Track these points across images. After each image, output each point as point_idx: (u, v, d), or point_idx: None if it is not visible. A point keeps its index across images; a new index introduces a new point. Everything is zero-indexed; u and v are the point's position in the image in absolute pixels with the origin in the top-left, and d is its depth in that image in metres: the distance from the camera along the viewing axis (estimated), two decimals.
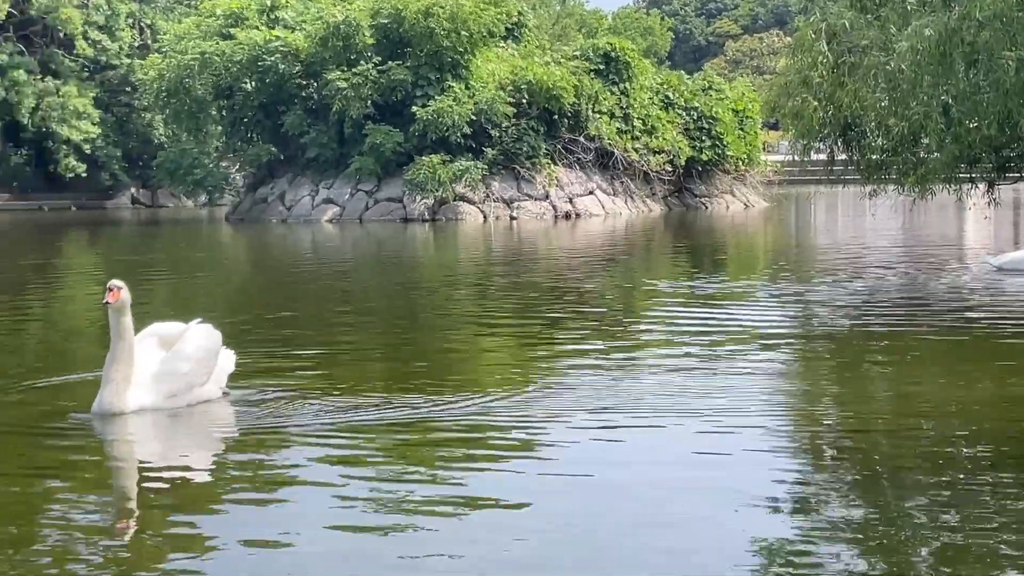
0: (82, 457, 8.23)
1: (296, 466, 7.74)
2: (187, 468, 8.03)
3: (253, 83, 50.55)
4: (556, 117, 48.68)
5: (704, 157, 53.45)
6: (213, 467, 8.05)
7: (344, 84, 46.98)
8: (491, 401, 9.52)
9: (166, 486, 7.50)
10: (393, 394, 9.95)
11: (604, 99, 50.26)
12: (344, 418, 9.03)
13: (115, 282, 9.17)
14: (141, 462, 8.35)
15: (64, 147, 72.06)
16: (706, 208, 53.30)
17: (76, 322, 16.16)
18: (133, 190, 77.94)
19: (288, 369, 11.38)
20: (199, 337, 9.56)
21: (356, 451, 8.17)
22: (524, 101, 48.00)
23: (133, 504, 7.12)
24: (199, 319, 9.86)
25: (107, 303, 9.03)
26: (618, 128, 50.57)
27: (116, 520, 6.67)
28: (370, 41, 48.10)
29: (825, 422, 9.03)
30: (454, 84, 47.39)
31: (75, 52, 73.15)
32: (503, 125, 47.41)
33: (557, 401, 9.50)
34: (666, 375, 10.62)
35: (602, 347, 12.46)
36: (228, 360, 9.96)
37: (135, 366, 9.14)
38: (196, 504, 6.97)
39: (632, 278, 22.38)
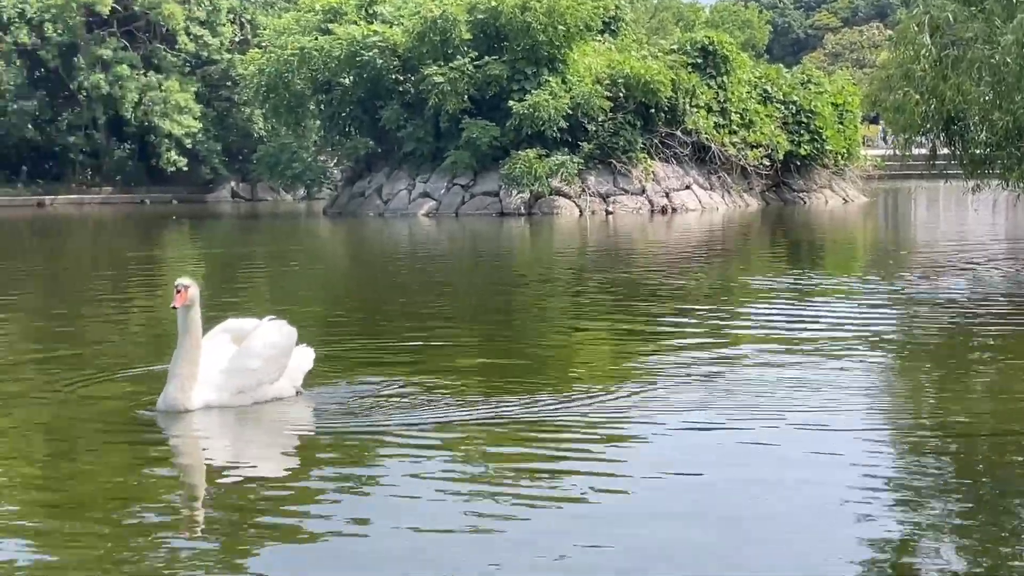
0: (146, 454, 8.14)
1: (372, 464, 7.64)
2: (256, 466, 7.90)
3: (351, 78, 50.88)
4: (653, 111, 48.43)
5: (802, 151, 52.89)
6: (282, 465, 7.92)
7: (441, 79, 47.13)
8: (586, 398, 9.43)
9: (232, 483, 7.37)
10: (484, 391, 9.86)
11: (701, 93, 49.91)
12: (430, 416, 8.90)
13: (182, 281, 8.95)
14: (206, 459, 8.25)
15: (166, 141, 73.04)
16: (804, 203, 52.74)
17: (164, 314, 16.35)
18: (233, 184, 78.81)
19: (378, 364, 11.36)
20: (270, 333, 9.31)
21: (439, 449, 8.02)
22: (621, 95, 47.82)
23: (198, 503, 7.02)
24: (271, 316, 9.65)
25: (174, 307, 8.84)
26: (715, 122, 50.21)
27: (180, 519, 6.60)
28: (467, 36, 48.20)
29: (926, 421, 8.87)
30: (550, 78, 47.35)
31: (177, 47, 74.12)
32: (599, 119, 47.28)
33: (653, 399, 9.40)
34: (764, 372, 10.51)
35: (699, 344, 12.34)
36: (305, 358, 9.70)
37: (204, 362, 8.93)
38: (267, 502, 6.88)
39: (729, 274, 22.20)
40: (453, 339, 13.56)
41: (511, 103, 46.70)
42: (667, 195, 48.49)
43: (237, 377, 9.04)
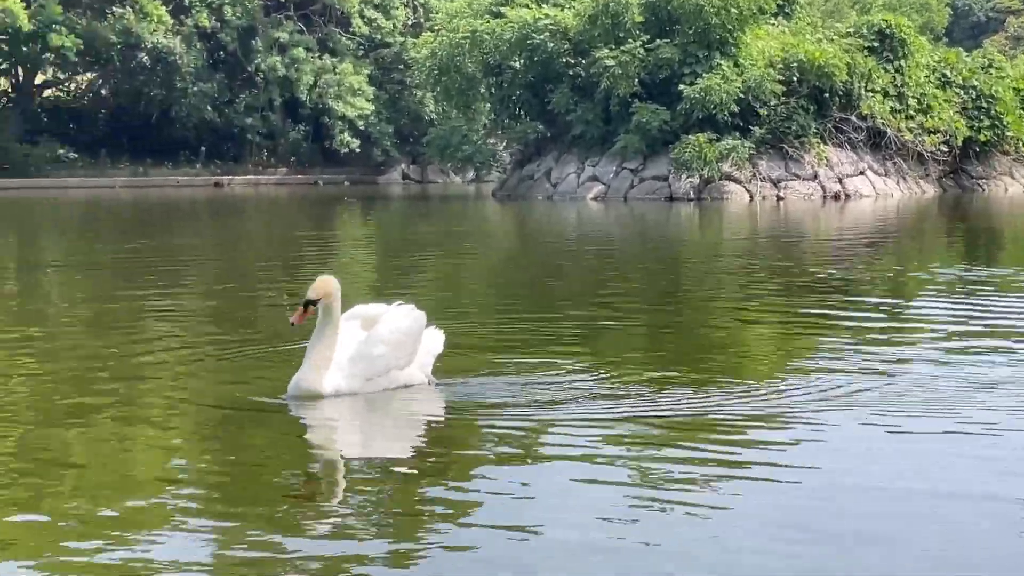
0: (275, 438, 8.05)
1: (518, 463, 7.34)
2: (388, 454, 7.72)
3: (522, 61, 51.01)
4: (827, 95, 47.62)
5: (982, 137, 51.51)
6: (413, 454, 7.71)
7: (612, 62, 46.97)
8: (755, 395, 9.13)
9: (367, 475, 7.20)
10: (644, 383, 9.55)
11: (877, 77, 48.91)
12: (585, 410, 8.58)
13: (312, 296, 8.58)
14: (339, 447, 8.09)
15: (339, 123, 74.23)
16: (983, 190, 51.37)
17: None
18: (403, 166, 79.74)
19: (535, 348, 11.23)
20: (397, 318, 9.05)
21: (581, 443, 7.67)
22: (794, 79, 47.13)
23: (336, 490, 6.85)
24: (399, 302, 9.38)
25: (293, 324, 8.66)
26: (891, 107, 49.17)
27: (319, 510, 6.41)
28: (639, 19, 47.95)
29: None
30: (722, 62, 46.85)
31: (351, 30, 75.20)
32: (772, 103, 46.66)
33: (824, 397, 9.05)
34: (933, 369, 10.16)
35: (872, 338, 12.00)
36: (434, 341, 9.43)
37: (336, 349, 8.77)
38: (400, 491, 6.74)
39: (904, 264, 21.66)
40: (615, 326, 13.35)
41: (682, 87, 46.35)
42: (840, 181, 47.66)
43: (365, 363, 8.84)
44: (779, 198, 45.87)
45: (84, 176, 68.65)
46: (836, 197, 46.54)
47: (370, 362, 8.84)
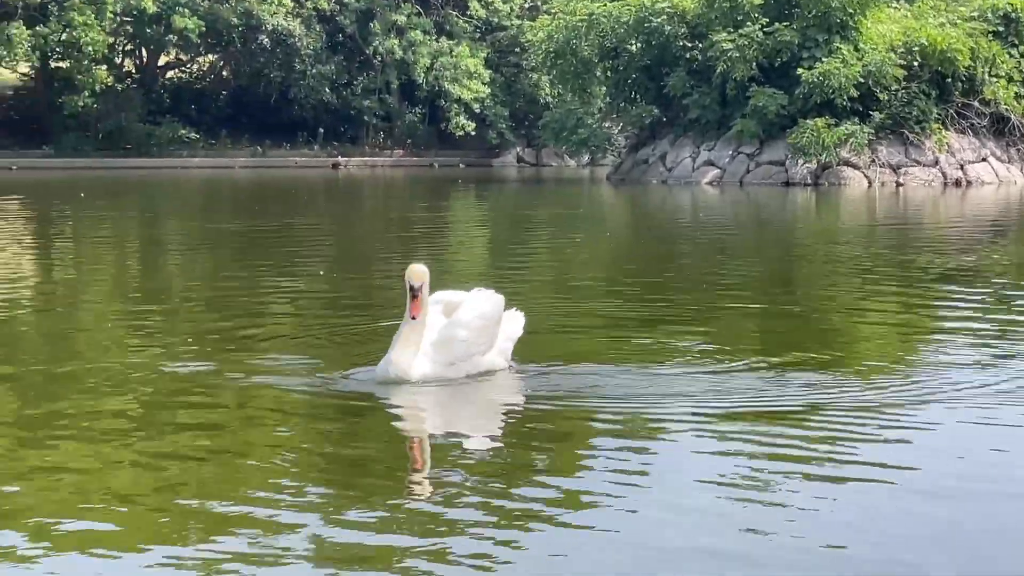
0: (365, 424, 7.97)
1: (590, 448, 7.20)
2: (481, 444, 7.53)
3: (638, 44, 50.75)
4: (949, 80, 46.72)
5: None
6: (520, 443, 7.49)
7: (729, 45, 46.53)
8: (870, 387, 8.84)
9: (456, 459, 7.06)
10: (750, 371, 9.31)
11: (1002, 62, 47.85)
12: (682, 399, 8.31)
13: (413, 281, 8.45)
14: (429, 432, 8.00)
15: (455, 106, 74.54)
16: None
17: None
18: (518, 149, 79.83)
19: (644, 331, 11.17)
20: (478, 304, 8.98)
21: (688, 435, 7.44)
22: (915, 64, 46.30)
23: (422, 477, 6.76)
24: (479, 287, 9.29)
25: (414, 317, 8.54)
26: (1016, 92, 48.08)
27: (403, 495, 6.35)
28: (757, 2, 47.42)
29: None
30: (842, 46, 46.16)
31: (468, 13, 75.45)
32: (892, 88, 45.90)
33: (942, 392, 8.66)
34: None
35: (994, 331, 11.66)
36: (515, 324, 9.34)
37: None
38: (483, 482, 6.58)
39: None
40: (727, 313, 13.13)
41: (800, 71, 45.77)
42: (961, 167, 46.77)
43: (448, 349, 8.77)
44: (898, 184, 45.14)
45: (204, 156, 69.76)
46: (957, 184, 45.70)
47: (453, 347, 8.77)
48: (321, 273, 16.75)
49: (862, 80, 45.30)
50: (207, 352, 10.02)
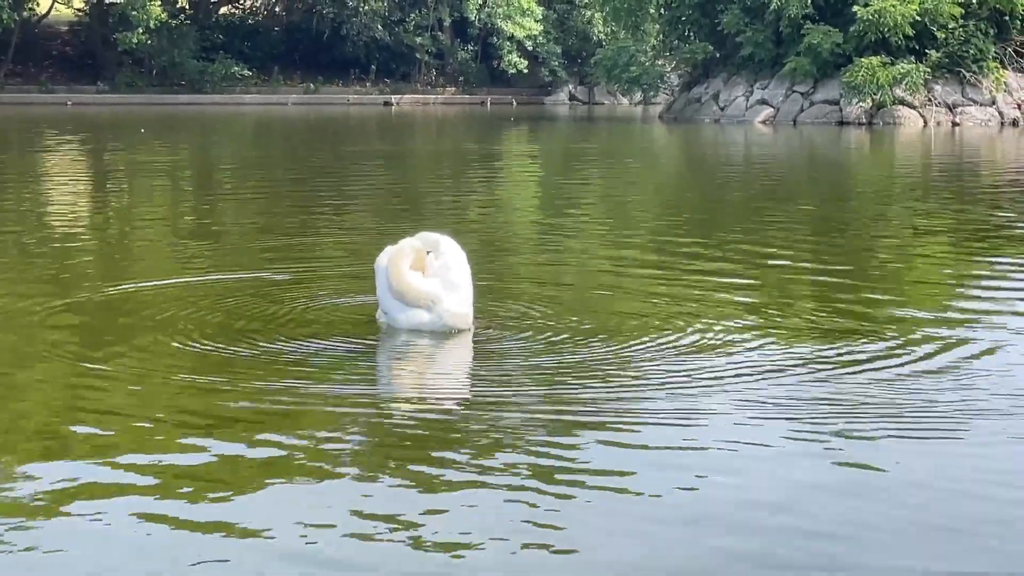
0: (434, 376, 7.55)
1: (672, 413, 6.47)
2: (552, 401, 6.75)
3: None
4: (1007, 19, 46.13)
5: None
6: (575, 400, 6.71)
7: None
8: (927, 354, 7.62)
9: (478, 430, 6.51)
10: (795, 329, 8.62)
11: None
12: (727, 358, 7.46)
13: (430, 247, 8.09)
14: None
15: (507, 44, 74.29)
16: None
17: (479, 222, 16.62)
18: (571, 87, 79.53)
19: (687, 275, 11.16)
20: (454, 246, 8.23)
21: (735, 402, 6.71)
22: (974, 2, 45.70)
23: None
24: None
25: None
26: None
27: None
28: None
29: None
30: None
31: None
32: (949, 27, 45.35)
33: (995, 364, 7.42)
34: None
35: None
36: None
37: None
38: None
39: None
40: (774, 263, 12.42)
41: (855, 8, 45.29)
42: (1019, 107, 46.27)
43: (469, 289, 8.13)
44: (954, 124, 44.71)
45: (257, 93, 69.88)
46: (1014, 123, 45.22)
47: (470, 288, 8.15)
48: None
49: (918, 18, 44.78)
50: (261, 288, 10.12)
